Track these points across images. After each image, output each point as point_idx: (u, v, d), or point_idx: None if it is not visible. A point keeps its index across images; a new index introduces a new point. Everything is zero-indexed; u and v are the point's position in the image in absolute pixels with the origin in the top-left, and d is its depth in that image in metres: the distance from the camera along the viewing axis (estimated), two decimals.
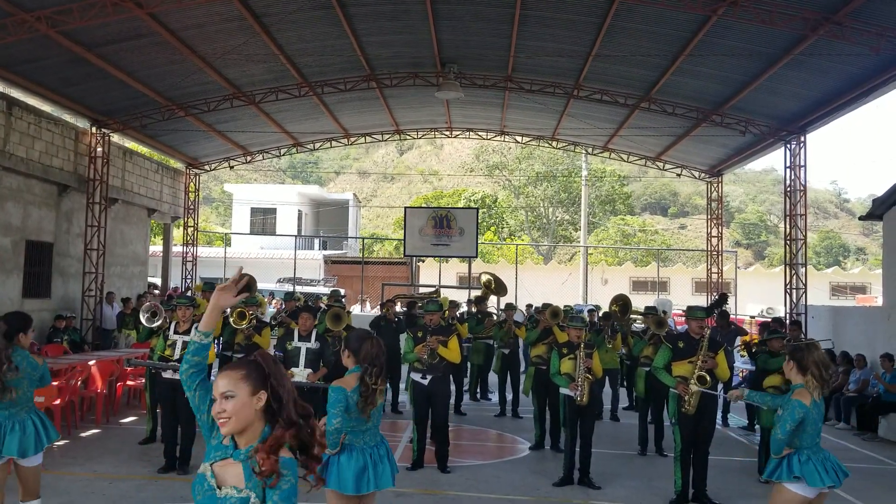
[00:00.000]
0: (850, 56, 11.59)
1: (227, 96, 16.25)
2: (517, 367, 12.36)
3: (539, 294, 23.32)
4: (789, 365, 5.01)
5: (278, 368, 2.72)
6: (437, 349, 8.00)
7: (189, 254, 21.60)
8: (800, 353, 4.96)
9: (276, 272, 29.09)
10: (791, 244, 16.33)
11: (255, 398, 2.61)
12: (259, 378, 2.65)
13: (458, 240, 19.51)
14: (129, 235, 19.08)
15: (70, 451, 8.64)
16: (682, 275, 38.03)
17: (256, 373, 2.66)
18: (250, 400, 2.61)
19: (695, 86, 14.92)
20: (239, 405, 2.60)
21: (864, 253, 61.53)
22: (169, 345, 7.80)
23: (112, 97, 15.44)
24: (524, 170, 49.13)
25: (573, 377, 7.70)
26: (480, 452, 9.72)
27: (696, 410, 7.02)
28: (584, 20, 12.62)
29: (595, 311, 16.27)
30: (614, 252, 46.61)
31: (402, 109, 19.43)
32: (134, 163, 18.96)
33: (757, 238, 63.59)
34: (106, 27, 11.97)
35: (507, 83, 16.27)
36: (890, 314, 13.05)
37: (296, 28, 13.42)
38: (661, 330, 9.83)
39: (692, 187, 60.72)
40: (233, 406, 2.60)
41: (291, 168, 69.59)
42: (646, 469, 8.82)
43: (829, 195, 78.62)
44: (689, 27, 12.08)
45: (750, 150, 17.96)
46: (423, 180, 68.92)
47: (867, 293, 35.54)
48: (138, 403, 11.60)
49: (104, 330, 16.02)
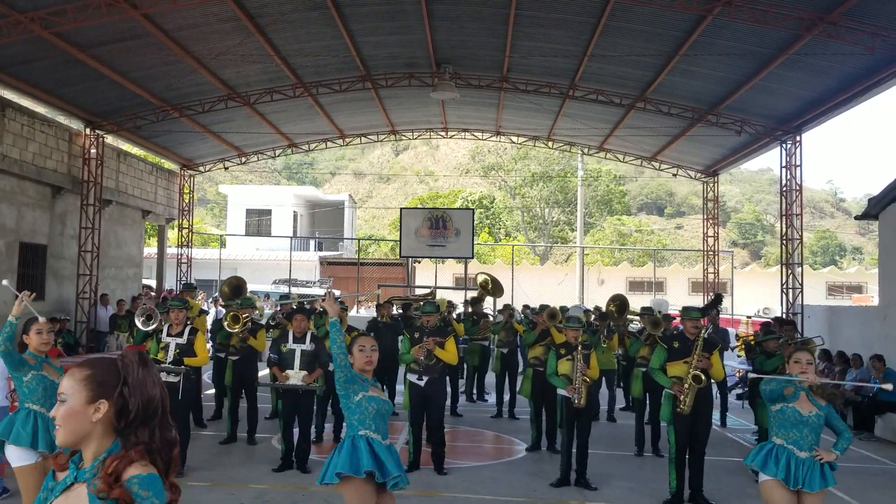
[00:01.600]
0: (844, 55, 11.61)
1: (222, 97, 16.21)
2: (515, 368, 12.33)
3: (535, 295, 23.30)
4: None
5: (144, 374, 2.16)
6: (433, 350, 7.98)
7: (184, 255, 21.54)
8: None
9: (271, 274, 29.04)
10: (787, 244, 16.33)
11: (91, 407, 2.09)
12: (104, 384, 2.11)
13: (454, 241, 19.50)
14: (124, 237, 19.03)
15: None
16: (679, 275, 38.05)
17: (104, 377, 2.12)
18: (85, 409, 2.09)
19: (690, 85, 14.92)
20: (69, 412, 2.09)
21: (860, 252, 61.65)
22: (162, 347, 7.75)
23: (106, 98, 15.39)
24: (520, 170, 49.16)
25: (570, 378, 7.68)
26: (477, 454, 9.69)
27: (691, 411, 7.00)
28: (578, 20, 12.62)
29: (591, 312, 16.25)
30: (610, 252, 46.63)
31: (397, 110, 19.41)
32: (128, 164, 18.91)
33: (753, 238, 63.69)
34: (100, 28, 11.93)
35: (503, 83, 16.26)
36: (886, 314, 13.04)
37: (291, 28, 13.38)
38: (656, 330, 9.81)
39: (688, 187, 60.80)
40: (63, 412, 2.10)
41: (287, 169, 69.57)
42: (642, 470, 8.80)
43: (825, 195, 78.81)
44: (684, 27, 12.08)
45: (746, 150, 17.97)
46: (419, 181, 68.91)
47: (863, 293, 35.58)
48: None
49: (98, 332, 15.95)
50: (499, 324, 12.42)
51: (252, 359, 9.77)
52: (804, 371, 4.96)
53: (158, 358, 7.67)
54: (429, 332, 8.09)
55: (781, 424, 5.00)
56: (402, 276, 28.72)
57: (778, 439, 5.00)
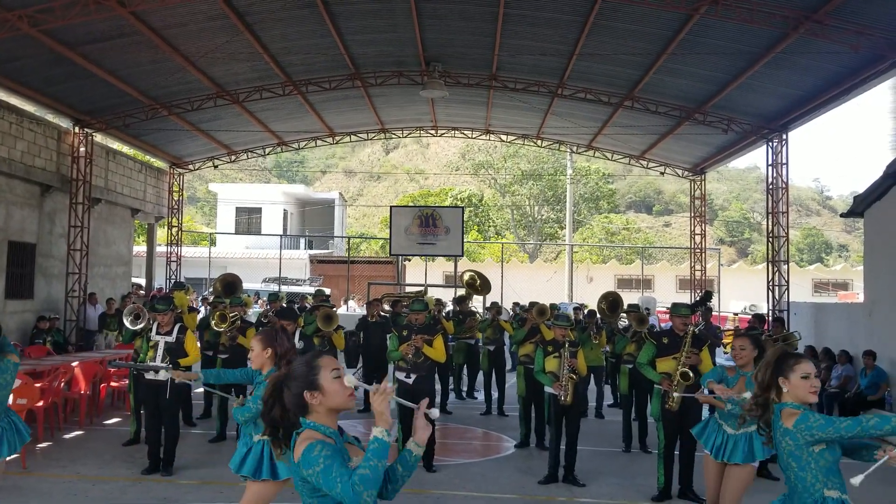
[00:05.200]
0: (830, 54, 11.70)
1: (211, 95, 16.18)
2: (503, 365, 12.39)
3: (525, 292, 23.38)
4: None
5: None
6: (421, 348, 8.01)
7: (173, 254, 21.49)
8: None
9: (261, 272, 29.00)
10: (773, 241, 16.45)
11: None
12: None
13: (443, 239, 19.54)
14: (113, 236, 18.97)
15: (53, 453, 8.59)
16: (667, 272, 38.23)
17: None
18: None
19: (678, 84, 15.01)
20: None
21: (846, 250, 62.06)
22: (151, 346, 7.76)
23: (95, 96, 15.34)
24: (510, 168, 49.23)
25: (557, 376, 7.74)
26: (466, 451, 9.74)
27: (680, 407, 7.06)
28: (567, 19, 12.67)
29: (580, 309, 16.33)
30: (599, 250, 46.78)
31: (386, 108, 19.41)
32: (117, 162, 18.85)
33: (741, 235, 63.97)
34: (88, 26, 11.89)
35: (492, 82, 16.30)
36: (871, 310, 13.18)
37: (280, 26, 13.38)
38: (642, 327, 9.88)
39: (676, 185, 60.99)
40: None
41: (277, 167, 69.33)
42: (630, 466, 8.87)
43: (811, 192, 79.18)
44: (671, 26, 12.15)
45: (733, 148, 18.08)
46: (410, 179, 68.88)
47: (849, 289, 35.82)
48: (122, 405, 11.55)
49: (87, 331, 15.91)
50: (485, 321, 12.47)
51: (241, 357, 9.75)
52: (738, 356, 5.80)
53: (148, 357, 7.68)
54: (417, 330, 8.12)
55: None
56: (393, 275, 28.74)
57: (718, 417, 5.86)
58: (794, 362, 3.62)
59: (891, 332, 12.18)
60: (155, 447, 7.76)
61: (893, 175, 12.48)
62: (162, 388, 7.56)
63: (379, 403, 2.62)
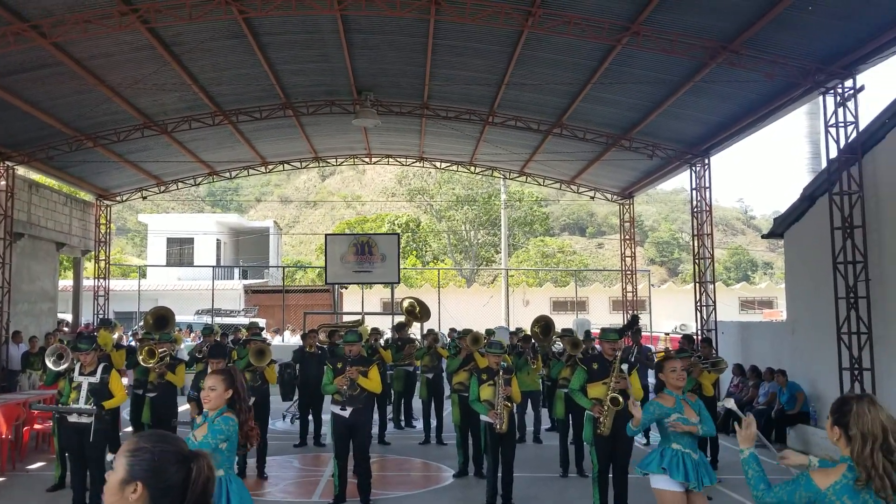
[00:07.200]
0: (746, 82, 12.20)
1: (138, 126, 15.88)
2: (441, 393, 12.38)
3: (462, 317, 23.45)
4: (834, 431, 3.14)
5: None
6: (356, 379, 7.95)
7: (101, 288, 20.87)
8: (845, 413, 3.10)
9: (194, 304, 28.31)
10: (699, 262, 16.94)
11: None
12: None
13: (380, 266, 19.51)
14: (37, 271, 18.32)
15: None
16: (600, 294, 38.93)
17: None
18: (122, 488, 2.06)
19: (604, 112, 15.40)
20: (108, 488, 2.12)
21: (770, 267, 64.20)
22: (74, 387, 7.49)
23: (16, 129, 14.88)
24: (445, 193, 49.56)
25: (493, 404, 7.78)
26: (404, 483, 9.67)
27: (611, 431, 7.17)
28: (495, 49, 12.91)
29: (516, 334, 16.44)
30: (535, 273, 47.34)
31: (320, 137, 19.37)
32: (41, 196, 18.26)
33: (670, 255, 65.65)
34: (7, 57, 11.57)
35: (424, 110, 16.45)
36: (794, 328, 13.65)
37: (208, 57, 13.26)
38: (576, 351, 10.02)
39: (608, 207, 62.07)
40: (106, 486, 2.13)
41: (211, 196, 68.18)
42: (566, 491, 8.95)
43: (736, 213, 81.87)
44: (595, 56, 12.50)
45: (658, 173, 18.61)
46: (346, 206, 68.62)
47: (773, 307, 37.08)
48: (47, 448, 11.09)
49: (10, 371, 15.29)
50: (422, 350, 12.47)
51: (171, 395, 9.53)
52: (678, 378, 5.72)
53: (70, 399, 7.42)
54: (351, 361, 8.06)
55: (676, 434, 5.54)
56: (329, 303, 28.49)
57: (676, 445, 5.53)
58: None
59: (812, 350, 12.62)
60: (80, 493, 7.47)
61: (810, 197, 12.98)
62: (86, 431, 7.30)
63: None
